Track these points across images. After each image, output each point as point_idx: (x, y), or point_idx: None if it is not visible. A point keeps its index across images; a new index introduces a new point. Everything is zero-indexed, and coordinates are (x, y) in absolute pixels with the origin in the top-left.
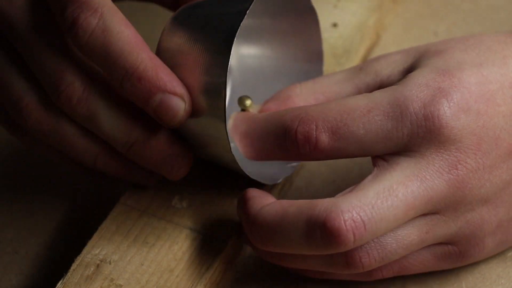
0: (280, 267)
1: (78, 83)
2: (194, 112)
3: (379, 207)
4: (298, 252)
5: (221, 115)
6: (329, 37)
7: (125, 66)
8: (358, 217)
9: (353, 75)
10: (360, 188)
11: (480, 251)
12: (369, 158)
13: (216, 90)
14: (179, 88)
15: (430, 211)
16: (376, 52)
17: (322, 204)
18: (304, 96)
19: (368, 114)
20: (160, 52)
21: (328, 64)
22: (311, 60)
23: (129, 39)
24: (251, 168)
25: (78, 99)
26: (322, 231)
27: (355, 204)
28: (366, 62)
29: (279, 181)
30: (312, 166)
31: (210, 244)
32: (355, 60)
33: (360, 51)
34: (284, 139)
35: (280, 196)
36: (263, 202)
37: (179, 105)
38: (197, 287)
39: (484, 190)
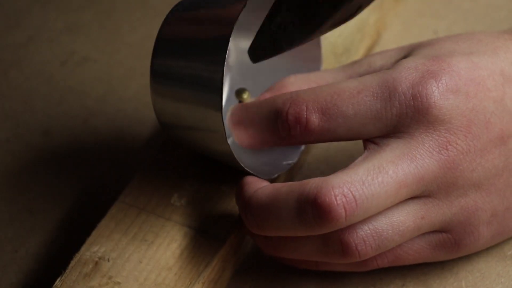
0: (278, 265)
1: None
2: (192, 103)
3: (369, 183)
4: (292, 234)
5: (218, 107)
6: (329, 36)
7: None
8: (349, 192)
9: (347, 67)
10: (350, 167)
11: (476, 240)
12: None
13: (213, 83)
14: None
15: (423, 192)
16: (377, 51)
17: (314, 182)
18: (298, 84)
19: (357, 95)
20: (161, 40)
21: (328, 63)
22: (310, 57)
23: None
24: (247, 163)
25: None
26: (313, 207)
27: (346, 180)
28: (361, 57)
29: (274, 176)
30: (311, 164)
31: (209, 242)
32: (355, 59)
33: (360, 50)
34: (276, 122)
35: None
36: (258, 186)
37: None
38: (195, 285)
39: (476, 174)
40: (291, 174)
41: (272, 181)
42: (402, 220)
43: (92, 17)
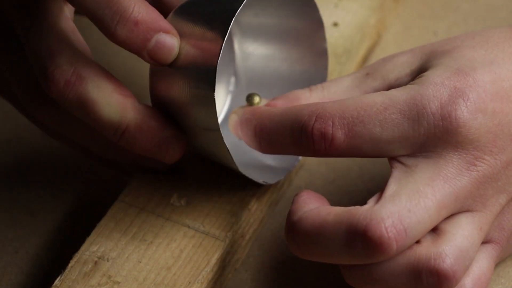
0: (278, 265)
1: (67, 66)
2: (190, 102)
3: (414, 211)
4: (336, 262)
5: (212, 103)
6: (330, 37)
7: (119, 10)
8: (399, 223)
9: (360, 81)
10: (390, 194)
11: (510, 245)
12: (369, 158)
13: (208, 81)
14: (169, 24)
15: (461, 208)
16: (377, 52)
17: (362, 213)
18: (313, 101)
19: (384, 112)
20: None
21: (328, 64)
22: (316, 63)
23: None
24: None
25: (65, 82)
26: (363, 240)
27: (393, 210)
28: (372, 66)
29: (260, 181)
30: (311, 165)
31: (208, 242)
32: (356, 60)
33: (360, 51)
34: (300, 135)
35: (279, 196)
36: (307, 208)
37: (174, 42)
38: (194, 285)
39: (501, 183)
40: (290, 175)
41: (274, 185)
42: (471, 234)
43: None
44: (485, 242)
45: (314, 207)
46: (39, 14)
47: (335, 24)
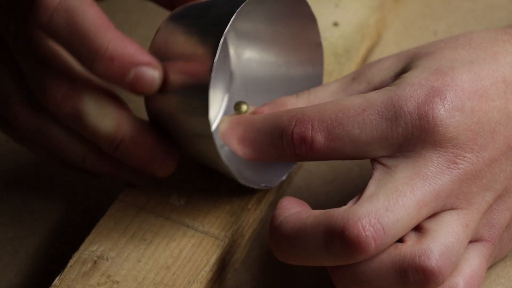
0: (278, 265)
1: (64, 80)
2: (183, 111)
3: (392, 209)
4: (318, 264)
5: (205, 113)
6: (330, 37)
7: (94, 48)
8: (376, 221)
9: (346, 85)
10: (368, 195)
11: (503, 244)
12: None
13: (202, 92)
14: (149, 57)
15: (444, 206)
16: (377, 52)
17: (339, 214)
18: (299, 105)
19: (362, 113)
20: (153, 48)
21: (328, 64)
22: (312, 66)
23: (93, 18)
24: (242, 172)
25: (62, 96)
26: (341, 240)
27: (370, 209)
28: (358, 71)
29: (262, 185)
30: (311, 165)
31: (208, 242)
32: (356, 60)
33: (360, 51)
34: (281, 140)
35: (278, 195)
36: (286, 213)
37: (154, 74)
38: (193, 284)
39: (486, 180)
40: (290, 175)
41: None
42: (456, 230)
43: None
44: (475, 240)
45: (295, 212)
46: (29, 27)
47: (335, 24)
